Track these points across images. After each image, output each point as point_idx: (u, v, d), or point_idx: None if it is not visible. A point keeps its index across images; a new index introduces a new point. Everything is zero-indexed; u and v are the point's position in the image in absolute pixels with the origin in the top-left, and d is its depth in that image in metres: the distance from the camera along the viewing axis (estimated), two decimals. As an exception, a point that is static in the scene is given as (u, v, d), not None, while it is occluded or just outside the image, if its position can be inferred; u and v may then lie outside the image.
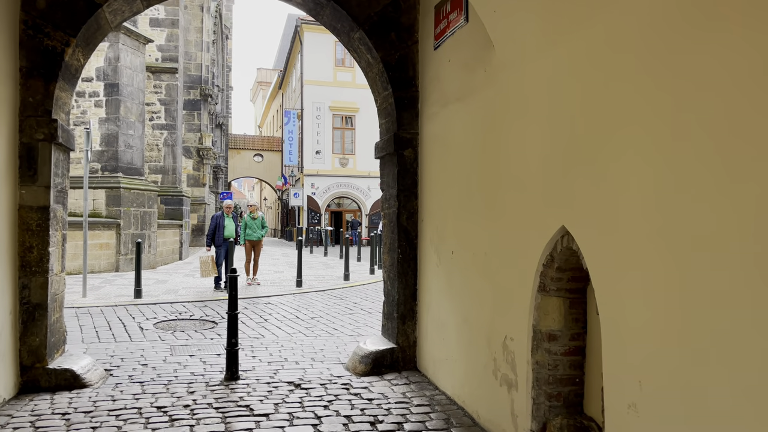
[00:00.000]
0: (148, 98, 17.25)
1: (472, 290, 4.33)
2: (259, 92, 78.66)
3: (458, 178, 4.66)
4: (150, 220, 14.47)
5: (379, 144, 6.10)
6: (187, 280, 12.86)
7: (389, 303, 5.84)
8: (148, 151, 17.30)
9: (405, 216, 5.63)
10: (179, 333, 7.52)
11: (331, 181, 33.41)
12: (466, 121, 4.54)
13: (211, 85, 24.92)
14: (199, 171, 24.39)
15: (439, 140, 5.15)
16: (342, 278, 13.60)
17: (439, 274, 5.04)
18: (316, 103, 33.28)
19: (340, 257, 20.42)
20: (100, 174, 13.70)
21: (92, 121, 10.20)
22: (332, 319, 8.74)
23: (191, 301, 10.00)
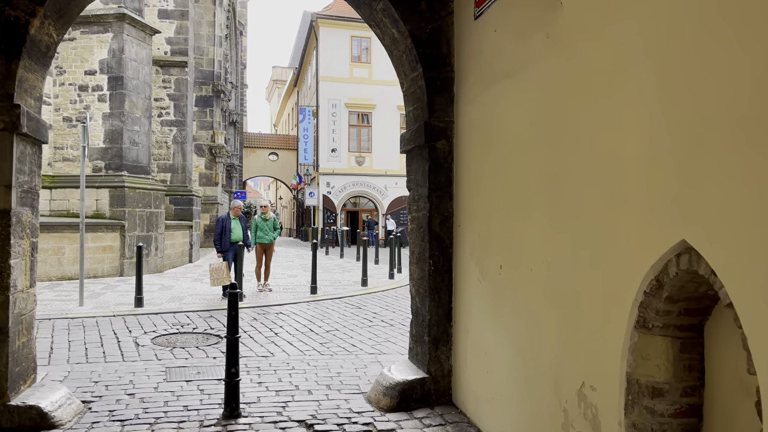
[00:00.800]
0: (156, 93, 16.52)
1: (530, 315, 3.41)
2: (275, 90, 78.16)
3: (508, 173, 3.74)
4: (157, 221, 13.70)
5: (405, 135, 5.20)
6: (194, 285, 12.06)
7: (418, 323, 4.93)
8: (156, 148, 16.57)
9: (437, 220, 4.72)
10: (179, 350, 6.68)
11: (347, 179, 32.58)
12: (518, 101, 3.61)
13: (223, 81, 24.18)
14: (211, 170, 23.65)
15: (480, 128, 4.23)
16: (359, 284, 12.72)
17: (482, 292, 4.12)
18: (332, 100, 32.46)
19: (357, 259, 19.55)
20: (103, 172, 12.96)
21: (89, 115, 9.44)
22: (349, 332, 7.86)
23: (196, 310, 9.17)
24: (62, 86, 13.07)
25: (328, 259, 20.67)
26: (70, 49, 12.98)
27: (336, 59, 32.55)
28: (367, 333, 7.83)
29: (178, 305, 9.57)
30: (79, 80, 12.98)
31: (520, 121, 3.59)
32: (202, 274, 13.94)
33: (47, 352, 6.45)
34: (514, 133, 3.66)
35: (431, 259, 4.71)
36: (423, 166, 4.82)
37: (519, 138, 3.58)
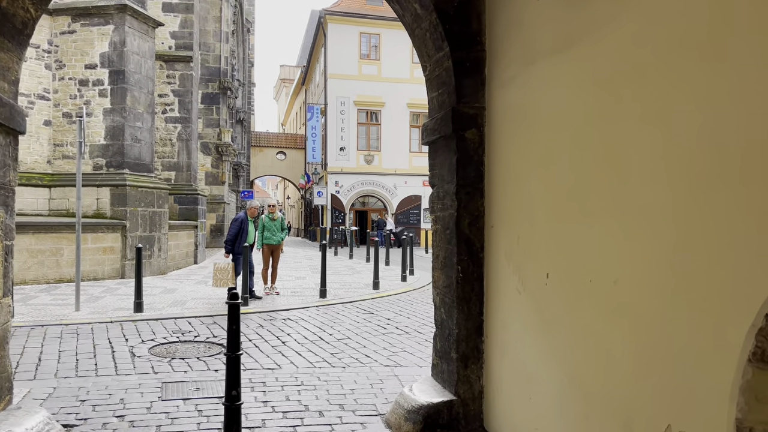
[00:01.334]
0: (160, 89, 16.02)
1: (590, 337, 2.82)
2: (282, 89, 77.77)
3: (558, 166, 3.15)
4: (160, 220, 13.19)
5: (428, 125, 4.62)
6: (198, 288, 11.52)
7: (444, 337, 4.35)
8: (160, 146, 16.06)
9: (467, 220, 4.14)
10: (177, 362, 6.13)
11: (355, 179, 32.03)
12: (573, 80, 3.03)
13: (230, 78, 23.68)
14: (218, 168, 23.16)
15: (519, 114, 3.65)
16: (370, 286, 12.15)
17: (523, 305, 3.54)
18: (341, 98, 31.92)
19: (367, 260, 18.99)
20: (104, 170, 12.45)
21: (85, 109, 8.90)
22: (362, 341, 7.29)
23: (199, 316, 8.63)
24: (62, 81, 12.58)
25: (337, 259, 20.12)
26: (69, 42, 12.49)
27: (344, 56, 32.01)
28: (381, 342, 7.26)
29: (179, 310, 9.04)
30: (79, 74, 12.48)
31: (575, 104, 3.00)
32: (207, 276, 13.41)
33: (34, 365, 5.92)
34: (566, 119, 3.07)
35: (459, 265, 4.12)
36: (449, 158, 4.24)
37: (574, 124, 2.99)
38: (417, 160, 32.92)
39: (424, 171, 33.29)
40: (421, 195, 32.75)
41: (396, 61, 32.61)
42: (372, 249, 21.83)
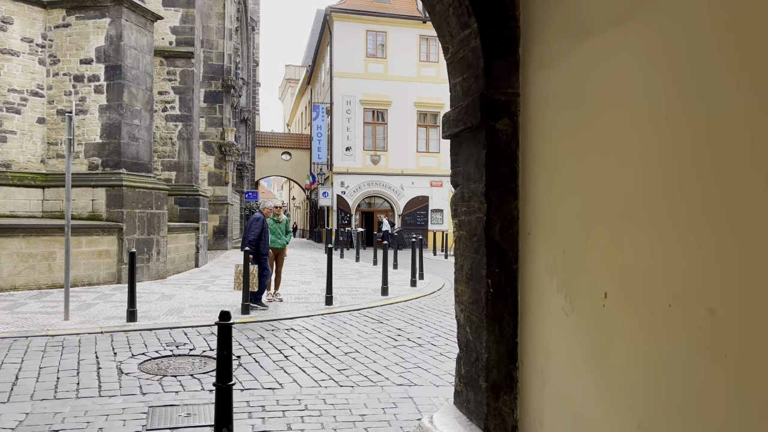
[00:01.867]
0: (160, 86, 15.48)
1: (672, 377, 2.21)
2: (288, 90, 77.33)
3: (623, 161, 2.54)
4: (159, 222, 12.63)
5: (450, 116, 4.01)
6: (198, 294, 10.95)
7: (471, 362, 3.74)
8: (160, 145, 15.52)
9: (498, 226, 3.53)
10: (169, 380, 5.55)
11: (361, 179, 31.46)
12: (644, 55, 2.41)
13: (234, 75, 23.14)
14: (221, 168, 22.62)
15: (565, 100, 3.04)
16: (379, 292, 11.55)
17: (571, 328, 2.93)
18: (346, 97, 31.36)
19: (374, 263, 18.40)
20: (100, 170, 11.90)
21: (74, 103, 8.34)
22: (372, 354, 6.69)
23: (197, 325, 8.05)
24: (56, 77, 12.04)
25: (343, 262, 19.54)
26: (64, 36, 11.95)
27: (350, 54, 31.46)
28: (393, 356, 6.66)
29: (176, 319, 8.46)
30: (74, 70, 11.94)
31: (645, 86, 2.39)
32: (208, 281, 12.85)
33: (10, 384, 5.35)
34: (638, 104, 2.46)
35: (489, 278, 3.52)
36: (477, 153, 3.64)
37: (652, 110, 2.38)
38: (424, 161, 32.34)
39: (431, 171, 32.83)
40: (429, 196, 32.16)
41: (403, 59, 32.03)
42: (381, 252, 21.26)
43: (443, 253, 25.40)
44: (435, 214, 32.51)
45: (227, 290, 11.41)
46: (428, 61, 32.64)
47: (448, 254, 24.05)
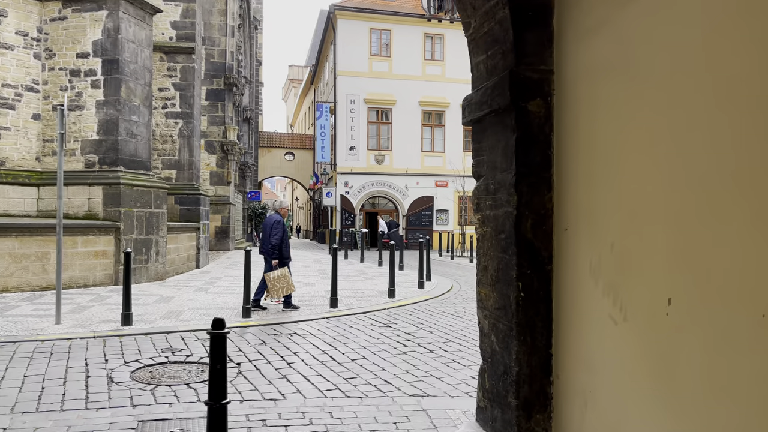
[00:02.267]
0: (161, 83, 15.09)
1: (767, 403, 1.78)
2: (291, 90, 77.00)
3: (696, 143, 2.11)
4: (158, 222, 12.23)
5: (472, 99, 3.59)
6: (197, 296, 10.53)
7: (497, 375, 3.31)
8: (160, 143, 15.12)
9: (529, 221, 3.11)
10: (163, 390, 5.13)
11: (365, 179, 31.05)
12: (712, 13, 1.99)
13: (236, 73, 22.76)
14: (223, 168, 22.24)
15: (612, 74, 2.62)
16: (385, 294, 11.12)
17: (623, 340, 2.50)
18: (350, 96, 30.96)
19: (379, 264, 17.97)
20: (97, 168, 11.50)
21: (66, 97, 7.95)
22: (380, 361, 6.27)
23: (195, 329, 7.63)
24: (51, 71, 11.65)
25: (348, 263, 19.11)
26: (60, 30, 11.56)
27: (354, 53, 31.06)
28: (403, 363, 6.23)
29: (174, 323, 8.04)
30: (70, 64, 11.55)
31: (724, 50, 1.96)
32: (209, 283, 12.44)
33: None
34: (704, 75, 2.03)
35: (520, 281, 3.09)
36: (505, 139, 3.21)
37: (724, 81, 1.95)
38: (429, 160, 31.91)
39: (436, 171, 32.38)
40: (434, 196, 31.72)
41: (407, 58, 31.62)
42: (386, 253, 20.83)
43: (449, 253, 24.95)
44: (440, 214, 32.06)
45: (228, 292, 11.01)
46: (433, 59, 32.23)
47: (454, 255, 23.60)
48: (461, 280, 14.84)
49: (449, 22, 32.10)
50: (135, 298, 9.68)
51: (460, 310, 9.78)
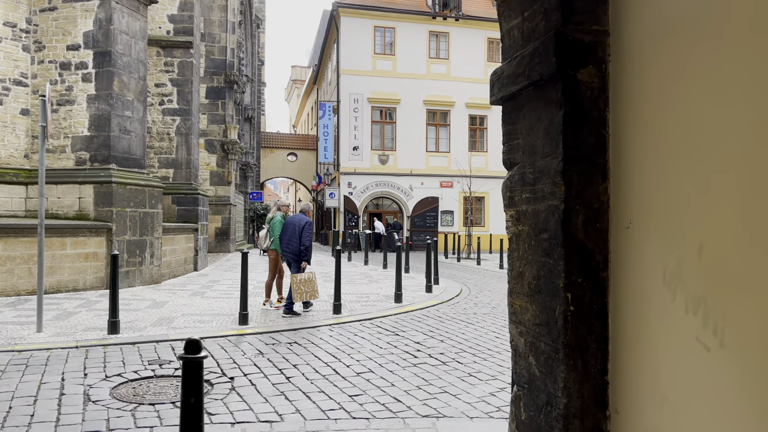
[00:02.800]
0: (157, 78, 14.54)
1: None
2: (294, 91, 76.53)
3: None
4: (152, 223, 11.66)
5: (504, 71, 2.99)
6: (193, 301, 9.96)
7: (536, 405, 2.72)
8: (157, 140, 14.58)
9: (581, 218, 2.51)
10: (145, 410, 4.55)
11: (369, 179, 30.48)
12: None
13: (237, 71, 22.22)
14: (223, 167, 21.69)
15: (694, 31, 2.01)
16: (391, 299, 10.54)
17: (721, 374, 1.90)
18: (354, 95, 30.41)
19: (384, 267, 17.38)
20: (88, 165, 10.94)
21: (48, 86, 7.38)
22: (389, 375, 5.68)
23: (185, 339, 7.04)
24: (41, 64, 11.10)
25: (351, 265, 18.53)
26: (50, 21, 11.01)
27: (358, 51, 30.52)
28: (414, 377, 5.64)
29: (164, 331, 7.46)
30: (60, 57, 11.00)
31: None
32: (206, 286, 11.86)
33: (-52, 416, 4.36)
34: None
35: (569, 291, 2.49)
36: (549, 117, 2.61)
37: None
38: (434, 161, 31.33)
39: (441, 172, 31.77)
40: (439, 197, 31.13)
41: (412, 56, 31.07)
42: (393, 255, 20.25)
43: (455, 255, 24.36)
44: (445, 215, 31.47)
45: (226, 296, 10.44)
46: (438, 58, 31.66)
47: (460, 257, 23.00)
48: (470, 283, 14.25)
49: (454, 20, 31.55)
50: (126, 304, 9.12)
51: (471, 316, 9.18)
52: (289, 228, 8.68)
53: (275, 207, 9.50)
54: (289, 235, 8.66)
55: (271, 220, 9.23)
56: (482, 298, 11.39)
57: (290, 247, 8.63)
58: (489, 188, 29.61)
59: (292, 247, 8.60)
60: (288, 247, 8.66)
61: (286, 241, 8.68)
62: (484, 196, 30.58)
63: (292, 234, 8.62)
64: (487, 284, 14.05)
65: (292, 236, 8.61)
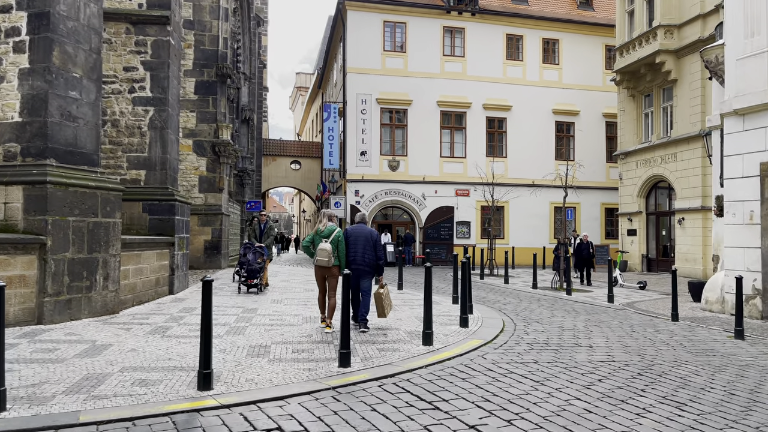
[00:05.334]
0: (127, 60, 12.03)
1: None
2: (299, 98, 74.32)
3: None
4: (107, 235, 9.06)
5: None
6: (147, 344, 7.30)
7: None
8: (126, 135, 12.02)
9: None
10: None
11: (378, 187, 27.88)
12: None
13: (231, 64, 19.72)
14: (214, 172, 19.13)
15: None
16: (416, 336, 7.89)
17: None
18: (361, 95, 27.88)
19: (399, 287, 14.70)
20: (19, 161, 8.37)
21: None
22: None
23: (104, 420, 4.40)
24: (-39, 31, 8.57)
25: (360, 285, 15.82)
26: (-28, -26, 8.50)
27: (366, 48, 28.04)
28: None
29: (79, 403, 4.81)
30: (-13, 21, 8.46)
31: None
32: (176, 317, 9.21)
33: None
34: None
35: None
36: None
37: None
38: (449, 167, 28.72)
39: (457, 179, 29.07)
40: (454, 206, 28.46)
41: (424, 53, 28.56)
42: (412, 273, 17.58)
43: (477, 272, 21.64)
44: (461, 226, 28.77)
45: (195, 333, 7.78)
46: (453, 55, 29.14)
47: (483, 274, 20.31)
48: (508, 309, 11.56)
49: (471, 14, 29.05)
50: (46, 351, 6.51)
51: (533, 367, 6.50)
52: (361, 240, 8.36)
53: (326, 218, 8.53)
54: (362, 247, 8.32)
55: (330, 234, 8.23)
56: (534, 334, 8.72)
57: (365, 260, 8.31)
58: (510, 197, 26.89)
59: (367, 259, 8.32)
60: (363, 260, 8.31)
61: (359, 254, 8.31)
62: (503, 206, 27.87)
63: (366, 246, 8.33)
64: (529, 311, 11.37)
65: (366, 248, 8.33)
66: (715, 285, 12.22)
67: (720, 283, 12.02)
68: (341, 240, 8.21)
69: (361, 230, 8.48)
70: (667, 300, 14.08)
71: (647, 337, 8.79)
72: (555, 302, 13.18)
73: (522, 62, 29.83)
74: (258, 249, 12.76)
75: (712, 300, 12.11)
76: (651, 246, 24.39)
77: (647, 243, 24.43)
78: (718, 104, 12.45)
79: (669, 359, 7.23)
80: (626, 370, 6.55)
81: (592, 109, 30.17)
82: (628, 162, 25.34)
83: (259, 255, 12.72)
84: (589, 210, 29.93)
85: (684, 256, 21.56)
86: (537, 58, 29.98)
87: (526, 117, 29.37)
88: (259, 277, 12.68)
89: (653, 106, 23.88)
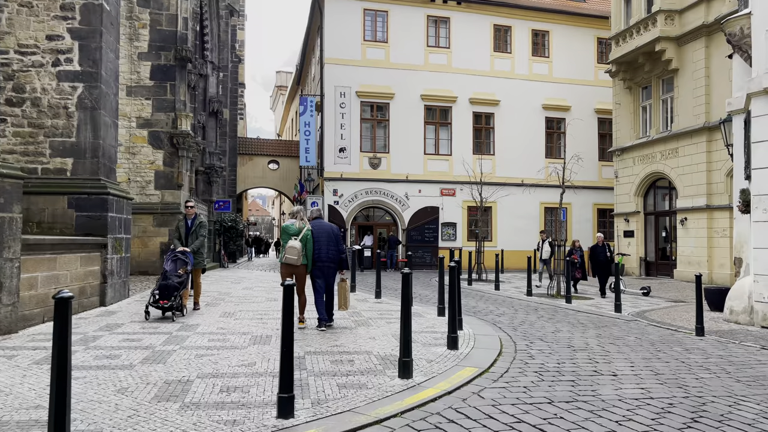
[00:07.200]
0: (51, 27, 10.11)
1: None
2: (279, 98, 72.41)
3: None
4: (0, 235, 7.13)
5: None
6: (30, 379, 5.40)
7: None
8: (49, 117, 10.09)
9: None
10: None
11: (358, 186, 26.09)
12: None
13: (192, 47, 17.80)
14: (172, 167, 17.17)
15: None
16: (390, 363, 6.06)
17: None
18: (340, 88, 26.08)
19: (377, 296, 12.86)
20: None
21: None
22: None
23: None
24: None
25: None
26: None
27: (345, 38, 26.26)
28: None
29: None
30: None
31: None
32: (102, 331, 7.28)
33: None
34: None
35: None
36: None
37: None
38: (433, 165, 26.98)
39: (442, 177, 27.24)
40: (439, 206, 26.72)
41: (407, 44, 26.84)
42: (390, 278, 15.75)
43: (465, 277, 19.85)
44: (447, 228, 27.03)
45: (101, 364, 5.88)
46: (437, 46, 27.45)
47: (471, 279, 18.57)
48: (503, 321, 9.79)
49: (456, 3, 27.38)
50: None
51: (547, 410, 4.70)
52: (324, 236, 8.30)
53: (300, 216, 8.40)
54: (325, 243, 8.28)
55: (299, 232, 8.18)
56: (541, 357, 6.93)
57: (329, 255, 8.30)
58: (498, 197, 25.16)
59: (331, 255, 8.32)
60: (327, 255, 8.29)
61: (323, 251, 8.27)
62: (491, 206, 26.12)
63: (329, 242, 8.31)
64: (528, 325, 9.59)
65: (330, 244, 8.31)
66: (740, 292, 10.55)
67: (747, 290, 10.36)
68: (310, 239, 8.16)
69: (321, 226, 8.43)
70: (678, 308, 12.44)
71: (678, 359, 7.08)
72: (555, 312, 11.44)
73: (510, 54, 28.22)
74: (180, 256, 9.24)
75: (737, 310, 10.44)
76: (650, 248, 22.83)
77: (645, 245, 22.86)
78: (742, 84, 10.79)
79: (720, 393, 5.50)
80: (673, 413, 4.79)
81: (584, 105, 28.61)
82: (624, 159, 23.79)
83: (181, 264, 9.17)
84: (580, 211, 28.30)
85: (687, 258, 19.99)
86: (526, 51, 28.39)
87: (514, 112, 27.75)
88: (176, 296, 8.77)
89: (652, 98, 22.36)
